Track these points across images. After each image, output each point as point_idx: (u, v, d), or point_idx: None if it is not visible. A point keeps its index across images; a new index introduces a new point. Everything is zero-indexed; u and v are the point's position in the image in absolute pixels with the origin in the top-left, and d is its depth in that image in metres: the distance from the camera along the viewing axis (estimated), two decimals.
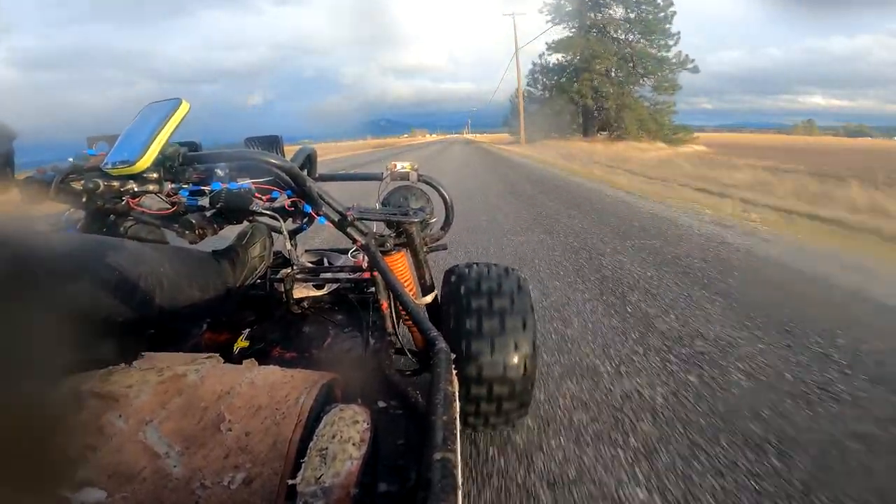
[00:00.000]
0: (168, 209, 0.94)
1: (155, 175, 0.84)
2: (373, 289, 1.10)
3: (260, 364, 0.62)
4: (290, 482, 0.42)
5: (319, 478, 0.42)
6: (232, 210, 0.90)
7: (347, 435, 0.46)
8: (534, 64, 30.84)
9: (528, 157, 15.15)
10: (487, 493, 1.01)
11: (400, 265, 1.09)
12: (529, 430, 1.21)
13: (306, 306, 1.19)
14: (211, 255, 1.00)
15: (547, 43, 28.83)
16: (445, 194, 1.27)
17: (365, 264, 1.15)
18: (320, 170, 1.30)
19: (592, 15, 26.66)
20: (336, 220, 0.91)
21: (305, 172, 0.94)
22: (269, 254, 1.11)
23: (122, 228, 1.04)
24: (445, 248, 1.31)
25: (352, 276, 1.23)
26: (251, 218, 1.03)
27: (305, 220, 0.98)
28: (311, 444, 0.45)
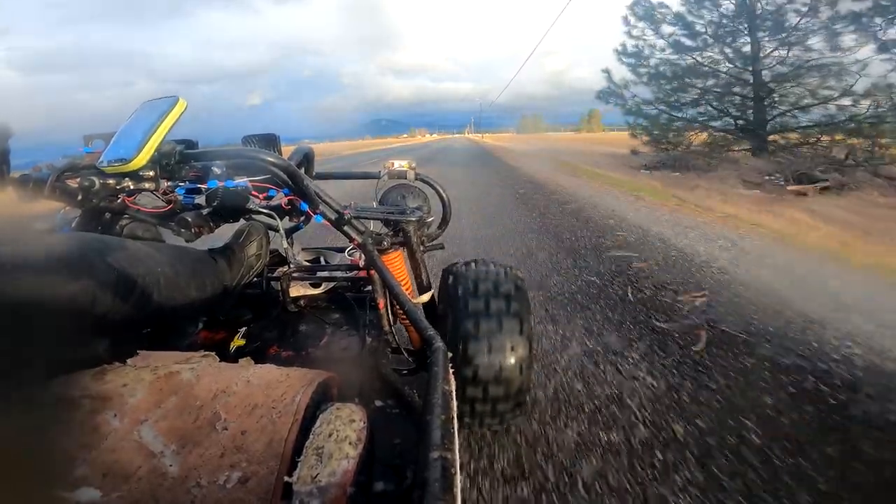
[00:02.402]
0: (164, 207, 0.93)
1: (151, 173, 0.83)
2: (369, 287, 1.10)
3: (256, 362, 0.62)
4: (287, 480, 0.42)
5: (316, 476, 0.42)
6: (228, 208, 0.90)
7: (344, 434, 0.46)
8: None
9: None
10: None
11: (397, 264, 1.09)
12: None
13: (303, 305, 1.19)
14: (207, 253, 1.00)
15: None
16: (443, 193, 1.27)
17: (362, 263, 1.15)
18: None
19: None
20: (333, 218, 0.91)
21: (303, 171, 0.94)
22: (265, 252, 1.11)
23: (118, 227, 1.04)
24: (442, 247, 1.31)
25: (348, 275, 1.23)
26: (248, 216, 1.03)
27: (302, 218, 0.98)
28: (307, 442, 0.45)
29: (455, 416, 0.51)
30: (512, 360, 0.92)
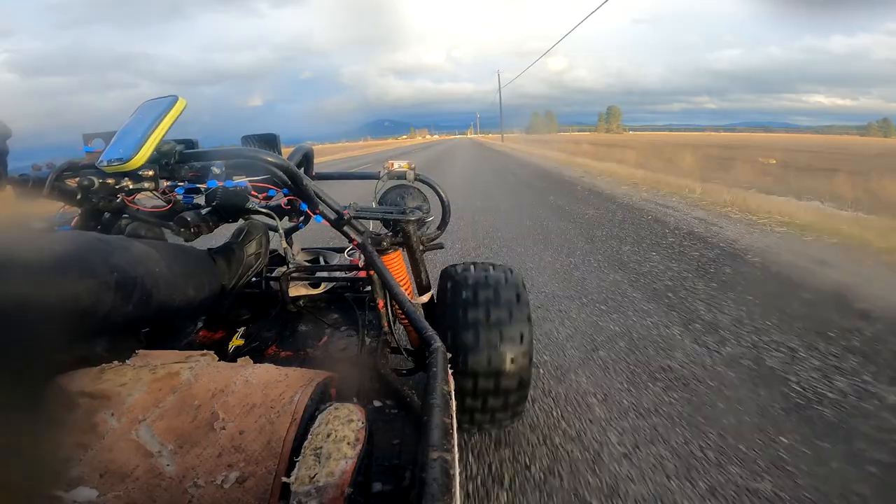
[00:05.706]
0: (164, 207, 0.93)
1: (150, 172, 0.83)
2: (369, 288, 1.10)
3: (255, 362, 0.62)
4: (285, 480, 0.42)
5: (314, 477, 0.42)
6: (228, 208, 0.89)
7: (342, 434, 0.46)
8: None
9: None
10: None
11: (396, 264, 1.09)
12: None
13: (302, 305, 1.19)
14: (207, 252, 0.99)
15: None
16: (442, 193, 1.27)
17: (361, 263, 1.14)
18: None
19: None
20: (332, 218, 0.91)
21: (302, 171, 0.94)
22: (265, 252, 1.10)
23: (117, 226, 1.04)
24: (442, 247, 1.31)
25: (348, 275, 1.23)
26: (247, 216, 1.03)
27: (302, 218, 0.98)
28: (305, 442, 0.45)
29: (454, 416, 0.51)
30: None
